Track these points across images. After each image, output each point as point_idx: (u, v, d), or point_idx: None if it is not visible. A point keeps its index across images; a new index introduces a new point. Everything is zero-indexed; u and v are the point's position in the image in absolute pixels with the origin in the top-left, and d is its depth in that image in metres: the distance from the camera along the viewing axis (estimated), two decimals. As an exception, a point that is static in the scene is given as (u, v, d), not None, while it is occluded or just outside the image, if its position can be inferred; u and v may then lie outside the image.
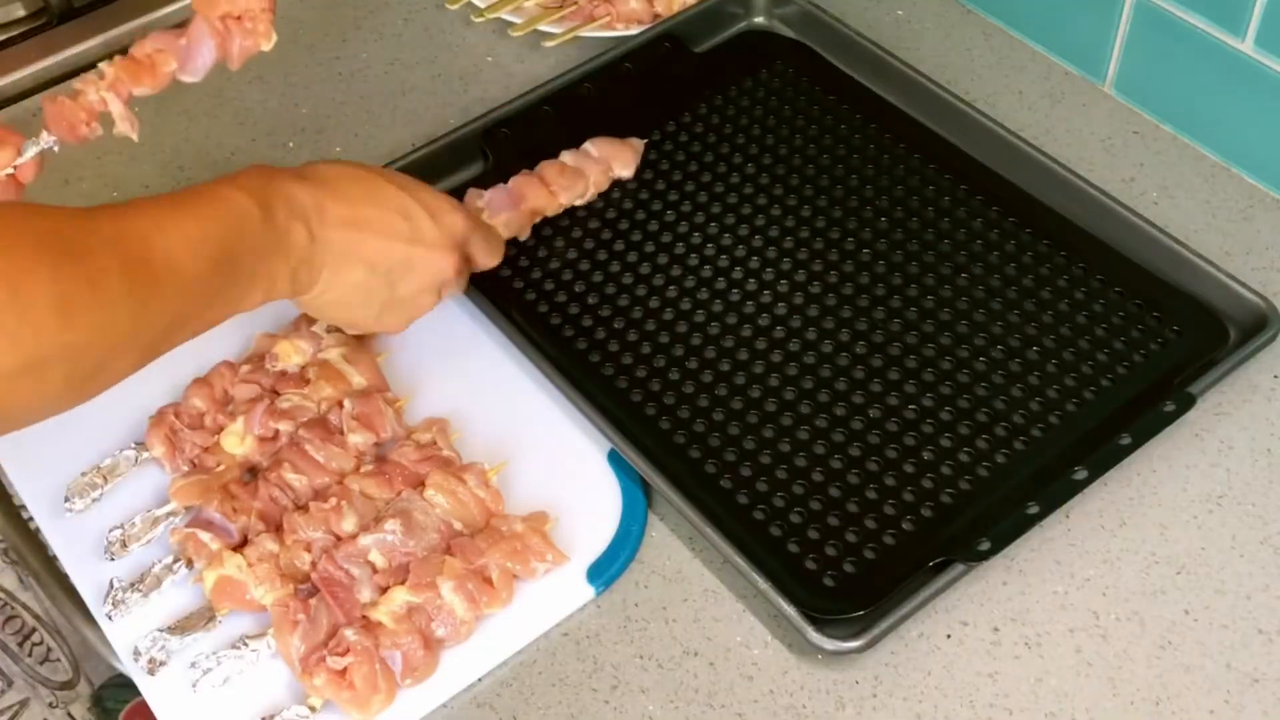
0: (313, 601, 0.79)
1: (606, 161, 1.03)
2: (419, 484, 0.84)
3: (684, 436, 0.88)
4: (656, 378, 0.91)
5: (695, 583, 0.83)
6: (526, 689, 0.79)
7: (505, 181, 1.00)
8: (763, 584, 0.79)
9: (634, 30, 1.13)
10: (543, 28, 1.14)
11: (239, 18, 0.86)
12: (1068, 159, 1.01)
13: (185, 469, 0.86)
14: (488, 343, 0.93)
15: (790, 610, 0.78)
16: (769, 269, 0.97)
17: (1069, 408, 0.88)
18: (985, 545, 0.80)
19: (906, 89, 1.06)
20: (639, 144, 1.05)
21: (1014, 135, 1.01)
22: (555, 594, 0.81)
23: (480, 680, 0.79)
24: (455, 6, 1.18)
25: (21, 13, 1.19)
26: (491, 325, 0.93)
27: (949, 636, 0.80)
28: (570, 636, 0.81)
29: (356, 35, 1.18)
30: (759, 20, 1.15)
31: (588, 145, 1.03)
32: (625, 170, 1.03)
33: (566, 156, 1.02)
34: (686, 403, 0.89)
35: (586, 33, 1.14)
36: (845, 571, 0.81)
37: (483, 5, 1.17)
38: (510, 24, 1.15)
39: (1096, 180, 0.99)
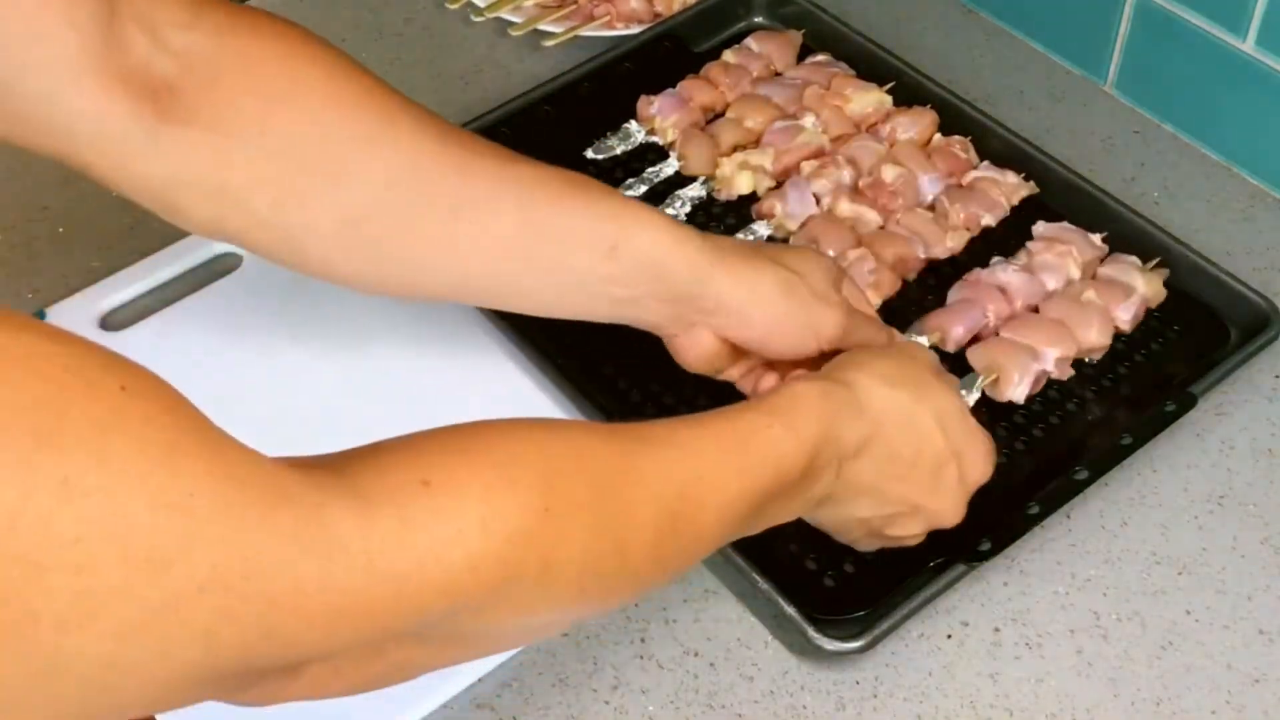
0: (312, 601, 0.78)
1: (768, 56, 1.08)
2: None
3: (684, 436, 0.87)
4: (656, 378, 0.91)
5: (695, 583, 0.82)
6: (526, 689, 0.78)
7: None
8: (763, 584, 0.79)
9: (634, 30, 1.13)
10: (543, 27, 1.14)
11: None
12: (1068, 158, 1.00)
13: None
14: (488, 343, 0.93)
15: (791, 610, 0.78)
16: (769, 269, 0.97)
17: (1069, 407, 0.88)
18: (986, 545, 0.79)
19: (906, 87, 1.06)
20: (796, 35, 1.10)
21: (1015, 135, 1.01)
22: (555, 594, 0.81)
23: (480, 680, 0.79)
24: (455, 6, 1.18)
25: (21, 12, 1.18)
26: (491, 325, 0.93)
27: (950, 637, 0.80)
28: (570, 636, 0.80)
29: (356, 35, 1.18)
30: (759, 20, 1.15)
31: (749, 41, 1.10)
32: (784, 63, 1.08)
33: (728, 55, 1.09)
34: (686, 403, 0.89)
35: (586, 32, 1.14)
36: (845, 571, 0.81)
37: (483, 5, 1.16)
38: (510, 24, 1.15)
39: (1097, 180, 0.99)
